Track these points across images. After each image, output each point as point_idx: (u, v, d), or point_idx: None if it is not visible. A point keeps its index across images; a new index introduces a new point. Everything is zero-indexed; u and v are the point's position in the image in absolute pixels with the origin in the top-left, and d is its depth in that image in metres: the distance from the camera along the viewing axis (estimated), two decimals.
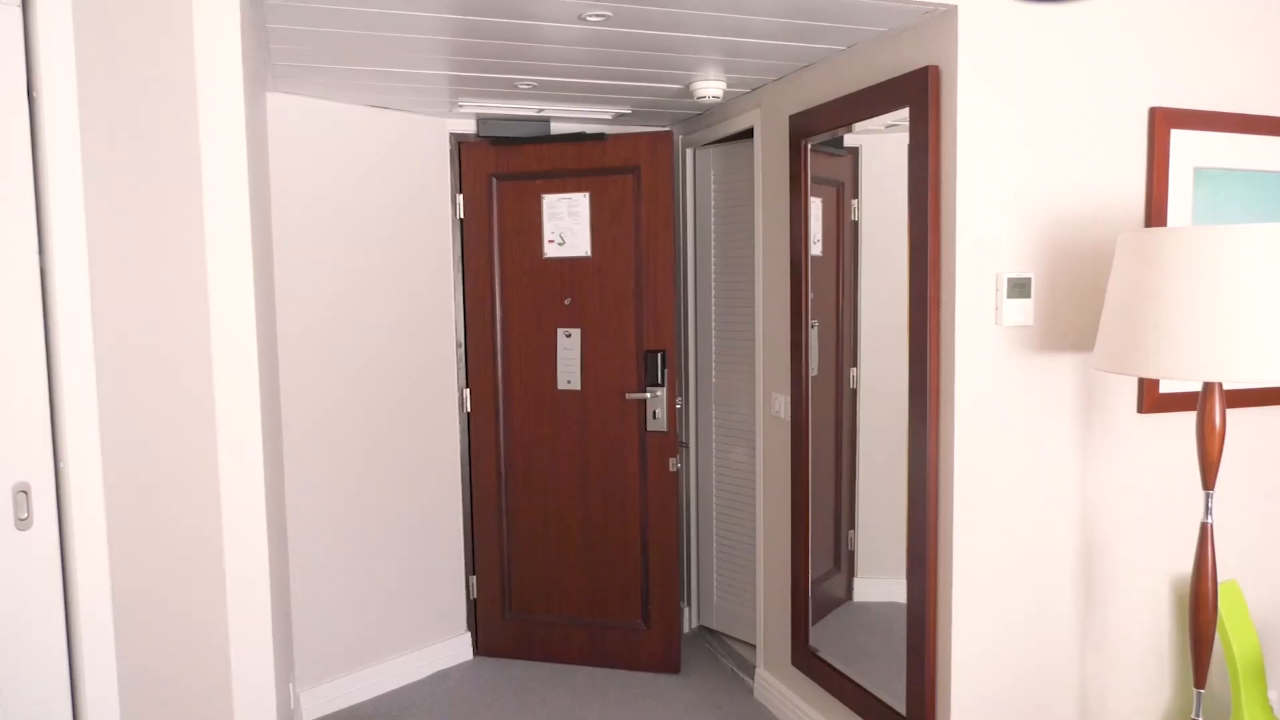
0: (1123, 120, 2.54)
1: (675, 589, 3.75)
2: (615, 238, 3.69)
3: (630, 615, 3.83)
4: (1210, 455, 2.15)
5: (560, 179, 3.75)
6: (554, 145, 3.73)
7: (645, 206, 3.62)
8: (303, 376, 3.37)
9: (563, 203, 3.76)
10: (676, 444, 3.68)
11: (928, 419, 2.48)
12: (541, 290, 3.82)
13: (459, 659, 3.91)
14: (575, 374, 3.79)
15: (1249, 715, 2.55)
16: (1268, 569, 2.84)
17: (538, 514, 3.90)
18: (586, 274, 3.75)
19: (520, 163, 3.77)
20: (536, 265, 3.81)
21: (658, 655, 3.80)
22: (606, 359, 3.76)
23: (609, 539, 3.83)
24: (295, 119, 3.30)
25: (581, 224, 3.75)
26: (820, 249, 3.07)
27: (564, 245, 3.77)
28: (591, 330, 3.76)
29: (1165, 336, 2.02)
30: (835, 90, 2.84)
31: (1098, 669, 2.67)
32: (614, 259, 3.71)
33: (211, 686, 2.23)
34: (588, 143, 3.69)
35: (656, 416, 3.69)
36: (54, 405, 1.99)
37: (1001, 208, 2.43)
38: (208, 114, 2.14)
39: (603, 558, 3.85)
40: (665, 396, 3.67)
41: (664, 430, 3.69)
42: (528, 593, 3.94)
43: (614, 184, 3.68)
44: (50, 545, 1.99)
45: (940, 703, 2.54)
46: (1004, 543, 2.52)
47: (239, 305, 2.21)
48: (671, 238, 3.61)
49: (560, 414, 3.84)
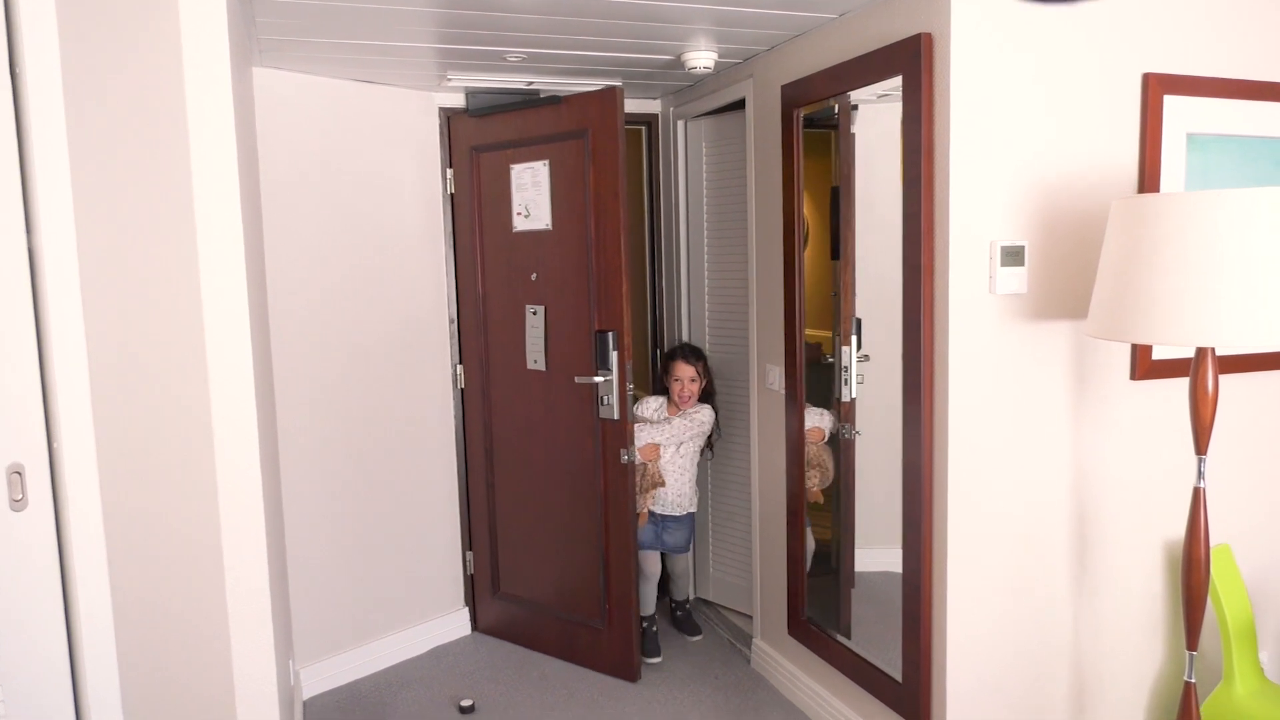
0: (1116, 86, 2.52)
1: (632, 590, 3.47)
2: (571, 208, 3.43)
3: (591, 613, 3.60)
4: (1203, 420, 2.15)
5: (525, 147, 3.55)
6: (518, 112, 3.54)
7: (594, 173, 3.34)
8: (296, 353, 3.36)
9: (527, 172, 3.55)
10: (628, 433, 3.41)
11: (922, 388, 2.49)
12: (513, 265, 3.65)
13: (457, 634, 3.93)
14: (541, 354, 3.61)
15: (1240, 676, 2.58)
16: (1259, 533, 2.86)
17: (516, 496, 3.79)
18: (549, 247, 3.53)
19: (494, 133, 3.62)
20: (508, 240, 3.65)
21: (616, 659, 3.55)
22: (567, 339, 3.52)
23: (573, 529, 3.62)
24: (282, 94, 3.26)
25: (543, 194, 3.52)
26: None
27: (529, 218, 3.57)
28: (554, 308, 3.55)
29: (1158, 302, 2.02)
30: (827, 60, 2.82)
31: (1092, 632, 2.69)
32: (570, 231, 3.45)
33: (211, 664, 2.24)
34: (545, 107, 3.45)
35: (606, 402, 3.40)
36: (46, 385, 1.97)
37: (995, 176, 2.42)
38: (194, 89, 2.11)
39: (567, 548, 3.65)
40: (616, 381, 3.38)
41: (615, 418, 3.41)
42: (510, 575, 3.85)
43: (569, 150, 3.42)
44: (46, 526, 1.98)
45: (936, 669, 2.56)
46: (999, 510, 2.53)
47: (230, 281, 2.19)
48: (619, 206, 3.28)
49: (530, 395, 3.68)
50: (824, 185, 3.08)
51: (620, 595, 3.50)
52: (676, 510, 3.77)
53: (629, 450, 3.40)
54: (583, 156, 3.36)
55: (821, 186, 3.08)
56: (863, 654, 2.86)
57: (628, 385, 3.37)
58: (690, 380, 3.73)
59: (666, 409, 3.80)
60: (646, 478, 3.66)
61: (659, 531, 3.79)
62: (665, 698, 3.38)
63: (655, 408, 3.81)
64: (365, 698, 3.44)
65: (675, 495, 3.74)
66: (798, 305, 3.06)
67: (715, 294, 3.92)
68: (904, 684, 2.64)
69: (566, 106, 3.41)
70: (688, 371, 3.74)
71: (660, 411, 3.79)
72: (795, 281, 3.06)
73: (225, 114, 2.15)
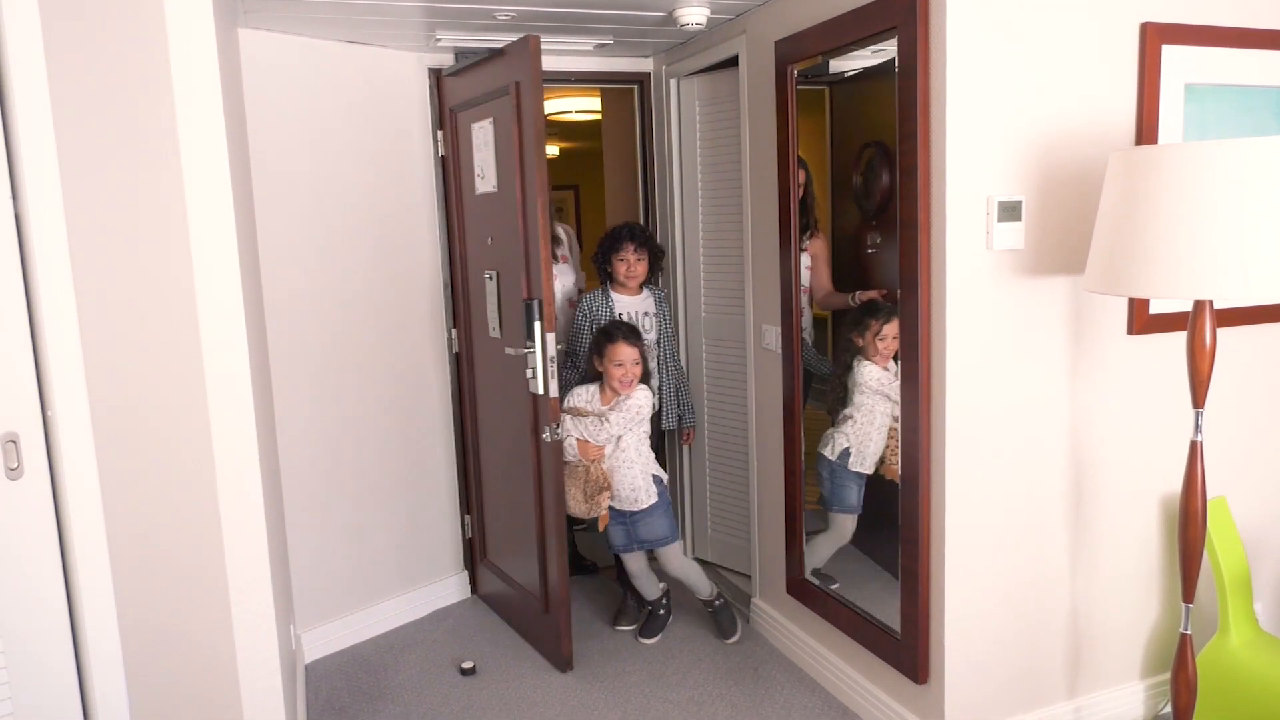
0: (1113, 37, 2.49)
1: (565, 577, 3.26)
2: (509, 168, 3.19)
3: (533, 596, 3.44)
4: (1200, 374, 2.15)
5: (478, 106, 3.36)
6: (473, 69, 3.34)
7: (518, 131, 3.10)
8: (291, 318, 3.34)
9: (480, 132, 3.36)
10: (552, 410, 3.13)
11: (919, 345, 2.48)
12: (478, 230, 3.53)
13: (457, 598, 3.95)
14: (496, 321, 3.44)
15: (1235, 627, 2.60)
16: (1255, 485, 2.87)
17: (491, 465, 3.71)
18: (497, 210, 3.34)
19: (462, 92, 3.47)
20: (474, 203, 3.52)
21: (549, 646, 3.39)
22: (514, 306, 3.29)
23: (523, 507, 3.44)
24: (269, 56, 3.21)
25: (490, 155, 3.31)
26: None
27: (484, 179, 3.39)
28: (504, 274, 3.36)
29: (1156, 255, 2.01)
30: (821, 14, 2.77)
31: (1088, 585, 2.71)
32: (509, 193, 3.21)
33: (213, 628, 2.25)
34: (488, 63, 3.24)
35: (533, 376, 3.13)
36: (38, 352, 1.96)
37: (991, 130, 2.40)
38: (178, 49, 2.08)
39: (521, 525, 3.48)
40: (540, 354, 3.10)
41: (541, 393, 3.14)
42: (494, 544, 3.79)
43: (504, 106, 3.17)
44: (43, 494, 1.98)
45: (934, 624, 2.58)
46: (996, 464, 2.54)
47: (222, 244, 2.17)
48: (537, 161, 3.03)
49: (492, 363, 3.54)
50: (819, 143, 3.06)
51: (554, 582, 3.27)
52: (634, 505, 3.40)
53: (551, 429, 3.13)
54: (513, 113, 3.12)
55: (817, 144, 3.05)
56: (861, 610, 2.88)
57: (549, 358, 3.10)
58: (634, 363, 3.31)
59: (600, 398, 3.40)
60: (590, 482, 3.31)
61: (629, 529, 3.44)
62: (665, 657, 3.41)
63: (588, 398, 3.41)
64: (367, 661, 3.47)
65: (629, 491, 3.37)
66: (795, 264, 3.04)
67: (710, 254, 3.89)
68: (902, 639, 2.66)
69: (502, 60, 3.17)
70: (630, 354, 3.31)
71: (594, 401, 3.39)
72: (793, 240, 3.04)
73: (211, 76, 2.11)
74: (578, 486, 3.34)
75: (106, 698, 2.07)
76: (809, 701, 3.05)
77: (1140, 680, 2.83)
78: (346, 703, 3.17)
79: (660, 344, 3.78)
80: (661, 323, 3.77)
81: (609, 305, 3.66)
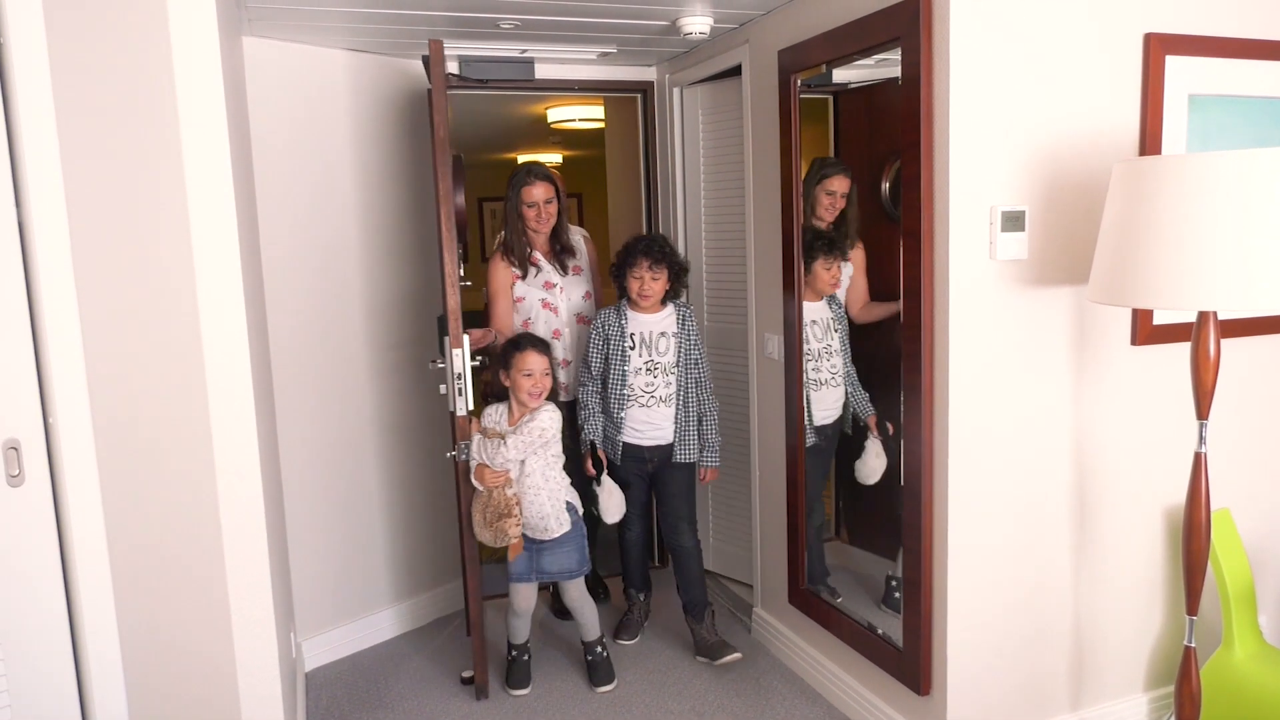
0: (1117, 47, 2.49)
1: (478, 600, 3.18)
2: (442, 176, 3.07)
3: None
4: (1204, 385, 2.14)
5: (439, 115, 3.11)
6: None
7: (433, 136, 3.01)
8: (291, 330, 3.34)
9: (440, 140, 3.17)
10: (458, 427, 3.03)
11: (922, 355, 2.47)
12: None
13: (459, 606, 3.94)
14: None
15: (1240, 640, 2.59)
16: (1259, 497, 2.86)
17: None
18: (438, 220, 3.15)
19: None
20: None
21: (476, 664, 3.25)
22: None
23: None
24: (273, 64, 3.21)
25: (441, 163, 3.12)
26: None
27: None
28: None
29: (1159, 266, 2.00)
30: (824, 24, 2.78)
31: (1091, 597, 2.70)
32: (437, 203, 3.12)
33: (213, 635, 2.24)
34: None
35: (443, 391, 3.05)
36: (40, 360, 1.96)
37: (995, 140, 2.40)
38: (182, 63, 2.07)
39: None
40: (450, 370, 2.99)
41: (451, 410, 3.04)
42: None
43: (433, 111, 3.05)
44: (44, 501, 1.98)
45: (937, 636, 2.57)
46: (999, 475, 2.53)
47: (224, 256, 2.17)
48: (437, 174, 2.98)
49: None
50: (822, 152, 3.06)
51: (473, 605, 3.17)
52: (544, 535, 3.14)
53: (461, 447, 3.05)
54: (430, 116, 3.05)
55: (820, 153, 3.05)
56: (863, 621, 2.87)
57: (456, 375, 2.98)
58: (544, 374, 3.09)
59: (508, 417, 3.16)
60: (491, 508, 3.04)
61: (532, 558, 3.17)
62: (666, 667, 3.40)
63: (496, 418, 3.16)
64: (367, 669, 3.46)
65: (537, 519, 3.10)
66: (797, 273, 3.04)
67: (713, 263, 3.89)
68: (905, 651, 2.65)
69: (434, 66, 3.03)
70: (540, 363, 3.09)
71: (502, 421, 3.16)
72: (794, 249, 3.04)
73: (215, 88, 2.11)
74: (479, 511, 3.07)
75: (106, 705, 2.07)
76: (810, 712, 3.04)
77: (1144, 693, 2.81)
78: (346, 711, 3.16)
79: (680, 368, 3.37)
80: (683, 344, 3.37)
81: (621, 324, 3.36)
